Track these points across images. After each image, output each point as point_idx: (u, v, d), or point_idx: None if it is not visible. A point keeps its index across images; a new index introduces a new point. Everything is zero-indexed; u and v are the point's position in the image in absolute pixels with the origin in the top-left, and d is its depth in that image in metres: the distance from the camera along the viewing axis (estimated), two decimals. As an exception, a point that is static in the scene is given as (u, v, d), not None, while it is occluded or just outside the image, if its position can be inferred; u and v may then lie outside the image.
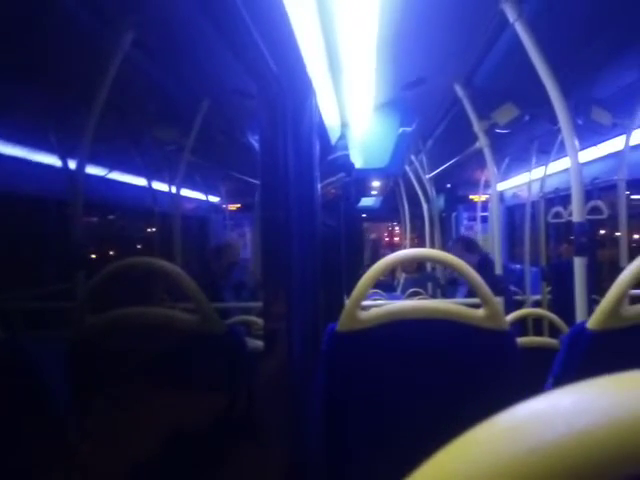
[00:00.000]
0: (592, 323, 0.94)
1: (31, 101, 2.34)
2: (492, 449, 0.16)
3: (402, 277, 6.15)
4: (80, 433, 0.93)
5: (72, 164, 2.55)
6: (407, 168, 4.75)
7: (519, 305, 3.16)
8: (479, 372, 0.93)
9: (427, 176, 4.39)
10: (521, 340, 1.82)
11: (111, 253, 4.07)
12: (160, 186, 3.74)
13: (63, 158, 2.68)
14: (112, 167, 3.37)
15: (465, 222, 5.97)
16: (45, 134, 2.57)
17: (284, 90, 1.10)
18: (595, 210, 2.79)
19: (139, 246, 4.49)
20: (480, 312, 0.99)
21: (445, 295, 4.25)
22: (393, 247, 8.97)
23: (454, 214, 6.10)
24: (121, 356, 0.92)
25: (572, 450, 0.15)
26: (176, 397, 0.94)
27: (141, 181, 3.76)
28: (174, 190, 3.06)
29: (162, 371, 0.94)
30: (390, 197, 6.47)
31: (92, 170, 2.98)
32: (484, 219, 5.20)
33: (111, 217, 4.17)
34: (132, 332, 0.97)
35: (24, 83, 2.18)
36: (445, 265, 1.04)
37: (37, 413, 0.86)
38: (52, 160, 2.74)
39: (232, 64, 1.84)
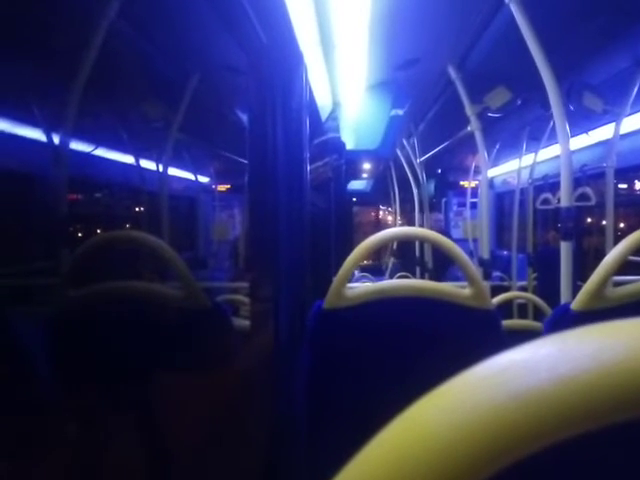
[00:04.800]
0: (576, 304, 0.95)
1: (13, 74, 2.27)
2: (471, 397, 0.16)
3: (390, 261, 6.19)
4: (64, 409, 0.92)
5: (56, 139, 2.49)
6: (398, 152, 4.73)
7: (505, 291, 3.19)
8: (463, 350, 0.93)
9: (418, 160, 4.38)
10: (505, 323, 1.85)
11: (98, 231, 4.01)
12: (148, 164, 3.68)
13: (47, 133, 2.62)
14: (98, 144, 3.30)
15: (455, 208, 5.98)
16: (28, 107, 2.50)
17: (274, 62, 1.07)
18: (583, 197, 2.81)
19: (127, 225, 4.44)
20: (466, 291, 1.00)
21: (433, 280, 4.28)
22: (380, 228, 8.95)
23: (444, 200, 6.12)
24: (103, 329, 0.90)
25: (555, 395, 0.15)
26: (162, 371, 0.94)
27: (128, 158, 3.69)
28: (161, 169, 3.01)
29: (147, 345, 0.93)
30: (381, 181, 6.46)
31: (77, 146, 2.91)
32: (473, 205, 5.22)
33: (97, 195, 4.10)
34: (115, 305, 0.96)
35: (4, 54, 2.10)
36: (433, 244, 1.04)
37: (21, 390, 0.85)
38: (36, 135, 2.66)
39: (222, 38, 1.80)
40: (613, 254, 0.92)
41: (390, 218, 7.99)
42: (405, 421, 0.17)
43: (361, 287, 1.04)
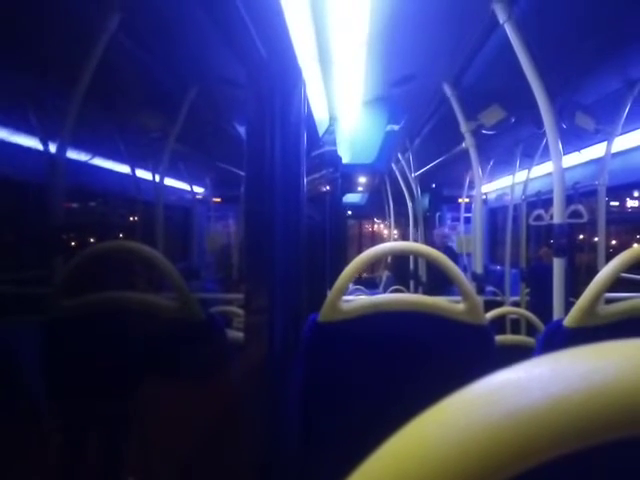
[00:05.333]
0: (569, 320, 0.96)
1: (11, 81, 2.28)
2: (468, 414, 0.16)
3: (384, 275, 6.20)
4: (55, 419, 0.91)
5: (53, 148, 2.49)
6: (393, 166, 4.77)
7: (498, 306, 3.20)
8: (457, 365, 0.94)
9: (413, 175, 4.42)
10: (499, 338, 1.85)
11: (92, 240, 3.99)
12: (144, 174, 3.68)
13: (44, 141, 2.62)
14: (94, 153, 3.30)
15: (449, 222, 6.03)
16: (25, 115, 2.50)
17: (273, 77, 1.09)
18: (575, 214, 2.85)
19: (121, 235, 4.42)
20: (460, 306, 1.00)
21: (426, 293, 4.29)
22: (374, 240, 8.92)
23: (438, 214, 6.17)
24: (97, 339, 0.90)
25: (547, 414, 0.15)
26: (154, 382, 0.93)
27: (124, 168, 3.69)
28: (157, 179, 3.02)
29: (139, 356, 0.93)
30: (376, 194, 6.50)
31: (73, 155, 2.91)
32: (467, 220, 5.27)
33: (92, 204, 4.09)
34: (108, 316, 0.95)
35: (4, 64, 2.11)
36: (428, 259, 1.05)
37: (14, 399, 0.84)
38: (32, 143, 2.66)
39: (221, 51, 1.82)
40: (605, 272, 0.94)
41: (386, 232, 8.00)
42: (404, 437, 0.17)
43: (356, 301, 1.05)
